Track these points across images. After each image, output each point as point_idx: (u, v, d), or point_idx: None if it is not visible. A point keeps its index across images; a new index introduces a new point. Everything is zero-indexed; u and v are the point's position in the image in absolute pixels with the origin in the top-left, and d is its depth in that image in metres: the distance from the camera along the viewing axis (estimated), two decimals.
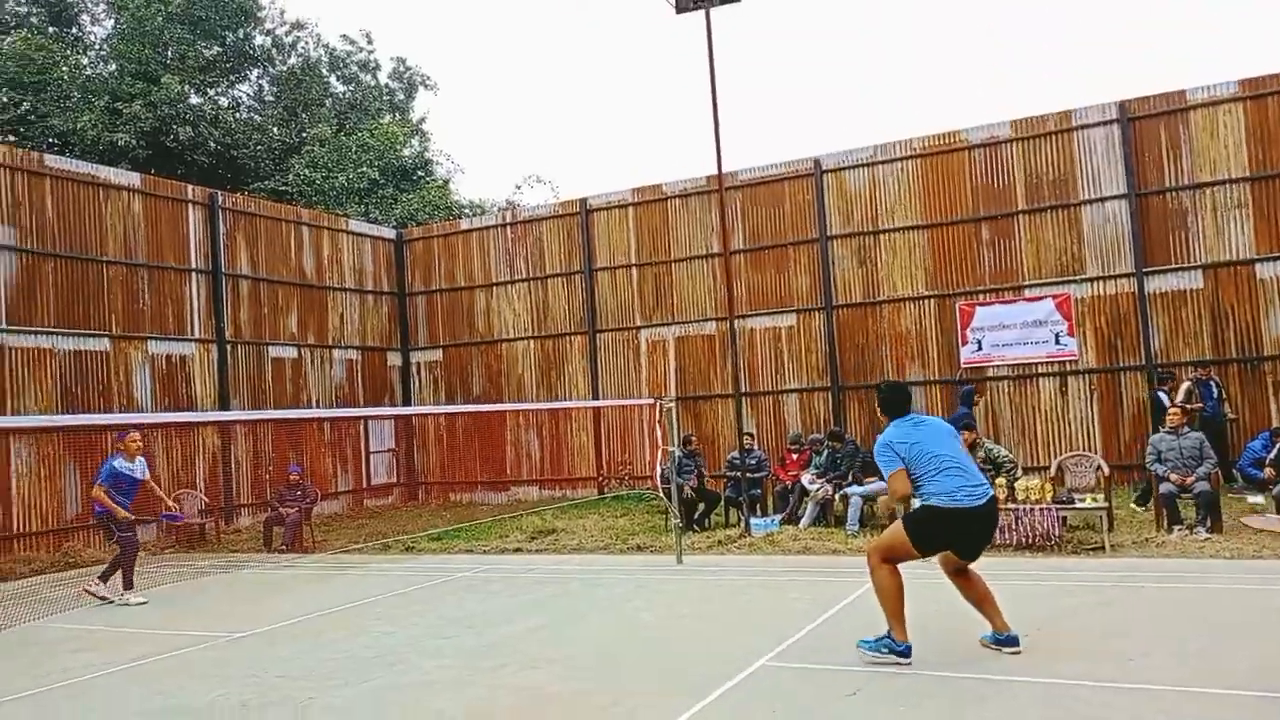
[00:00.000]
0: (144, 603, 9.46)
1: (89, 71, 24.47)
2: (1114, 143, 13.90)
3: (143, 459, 10.23)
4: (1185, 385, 12.27)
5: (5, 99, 22.85)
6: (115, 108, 22.58)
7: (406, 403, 19.66)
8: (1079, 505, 9.65)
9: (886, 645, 5.56)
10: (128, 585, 9.63)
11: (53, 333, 13.93)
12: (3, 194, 13.57)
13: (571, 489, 17.76)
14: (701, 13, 11.24)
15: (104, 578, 9.63)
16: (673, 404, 10.41)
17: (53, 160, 14.64)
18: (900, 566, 5.66)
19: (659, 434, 10.22)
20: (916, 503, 5.70)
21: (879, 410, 6.01)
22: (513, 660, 6.39)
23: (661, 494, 11.02)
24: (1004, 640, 5.72)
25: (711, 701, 5.15)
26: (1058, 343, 14.09)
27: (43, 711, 5.79)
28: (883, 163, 15.42)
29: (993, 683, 5.21)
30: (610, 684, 5.63)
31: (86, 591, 9.48)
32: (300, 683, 6.10)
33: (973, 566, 5.83)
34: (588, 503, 16.61)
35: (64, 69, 23.45)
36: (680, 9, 11.17)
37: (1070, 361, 14.06)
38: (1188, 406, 11.39)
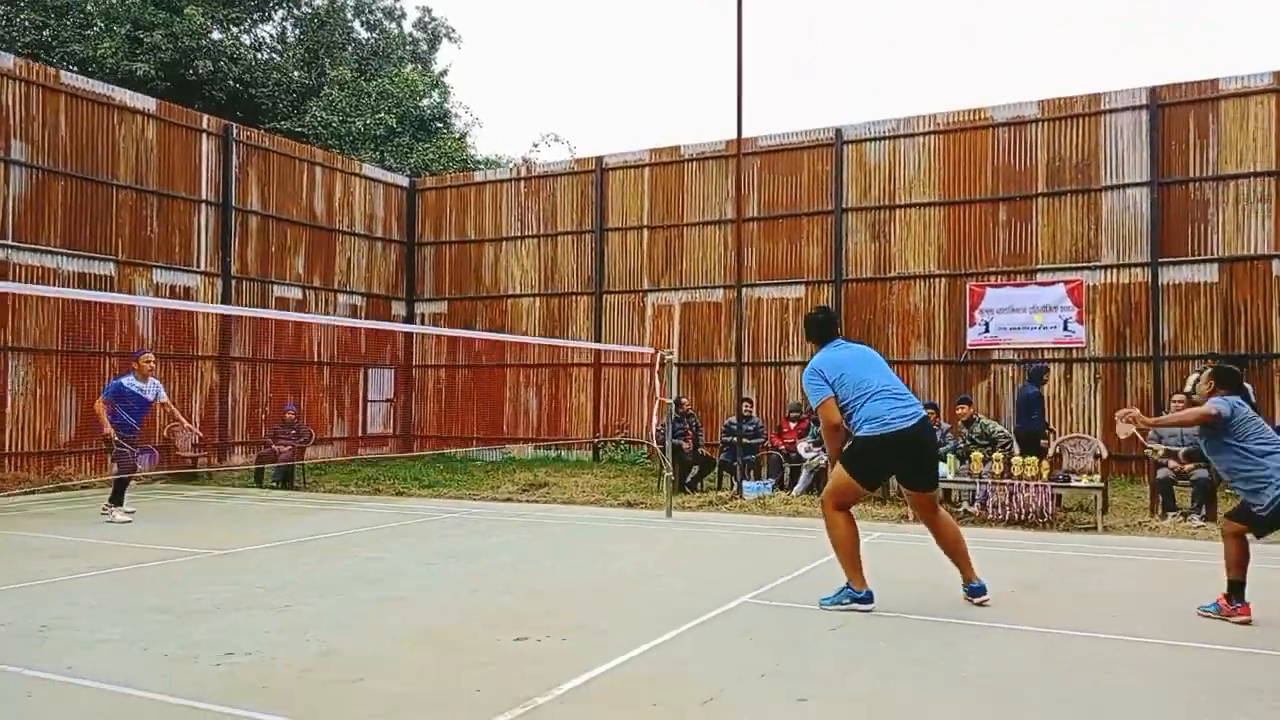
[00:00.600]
0: (128, 521, 9.42)
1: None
2: (1141, 129, 13.68)
3: (157, 381, 10.11)
4: (1194, 376, 12.12)
5: (27, 22, 22.71)
6: (136, 36, 22.42)
7: (410, 352, 19.58)
8: (1075, 484, 9.56)
9: (847, 595, 5.46)
10: (116, 501, 9.60)
11: (58, 253, 13.85)
12: (16, 108, 13.46)
13: (567, 449, 17.71)
14: None
15: (114, 500, 9.62)
16: (672, 356, 10.31)
17: (69, 78, 14.52)
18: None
19: (657, 385, 10.13)
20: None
21: (807, 335, 5.84)
22: (491, 586, 6.34)
23: (656, 447, 10.94)
24: (972, 590, 5.61)
25: (688, 629, 5.09)
26: (1066, 329, 13.93)
27: (15, 606, 5.76)
28: (904, 136, 15.21)
29: (975, 627, 5.15)
30: (586, 611, 5.58)
31: (108, 523, 9.39)
32: (278, 593, 6.06)
33: (948, 517, 5.78)
34: (582, 463, 16.58)
35: None
36: None
37: (1077, 349, 13.91)
38: (1194, 396, 11.25)
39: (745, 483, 11.36)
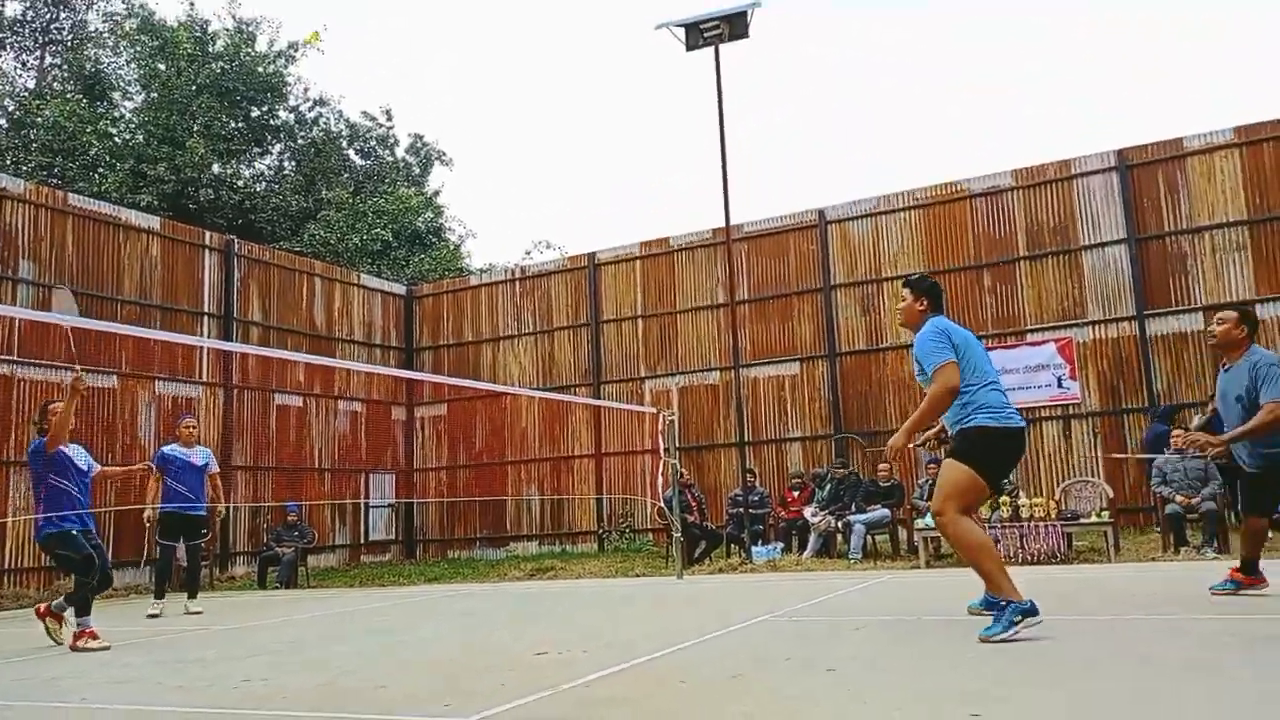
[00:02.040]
0: (157, 615, 9.12)
1: (117, 139, 25.24)
2: (1113, 189, 14.17)
3: (206, 450, 9.81)
4: (1198, 419, 12.21)
5: (35, 163, 23.56)
6: (140, 170, 23.24)
7: (410, 457, 19.58)
8: (1084, 522, 9.52)
9: (1017, 611, 4.39)
10: (158, 595, 9.34)
11: (62, 367, 14.01)
12: (25, 229, 13.88)
13: (571, 543, 17.53)
14: (709, 70, 11.76)
15: (156, 595, 9.26)
16: (674, 416, 10.40)
17: (76, 199, 15.01)
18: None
19: (660, 445, 10.17)
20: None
21: (923, 299, 5.11)
22: (505, 627, 6.27)
23: (664, 508, 10.89)
24: (989, 604, 4.91)
25: (710, 638, 5.03)
26: (1060, 386, 14.08)
27: (23, 671, 5.68)
28: (885, 213, 15.70)
29: None
30: (606, 635, 5.51)
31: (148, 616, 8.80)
32: (291, 645, 5.99)
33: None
34: (587, 554, 16.37)
35: (93, 138, 24.19)
36: (690, 47, 11.64)
37: (1073, 404, 14.02)
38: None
39: (754, 548, 11.26)
